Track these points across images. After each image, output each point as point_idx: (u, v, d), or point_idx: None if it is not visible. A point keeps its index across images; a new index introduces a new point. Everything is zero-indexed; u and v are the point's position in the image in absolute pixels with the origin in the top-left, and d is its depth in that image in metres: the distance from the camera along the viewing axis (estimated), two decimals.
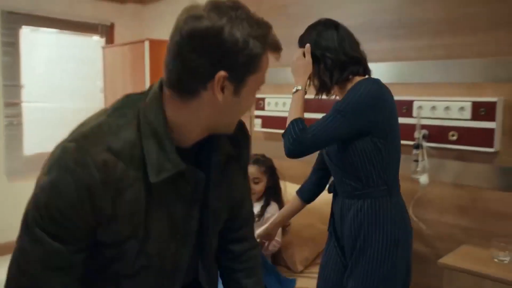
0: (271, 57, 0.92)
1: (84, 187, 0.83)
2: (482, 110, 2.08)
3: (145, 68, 3.42)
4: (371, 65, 1.82)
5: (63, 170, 0.83)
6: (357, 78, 1.66)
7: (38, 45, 4.07)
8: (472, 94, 2.17)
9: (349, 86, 1.65)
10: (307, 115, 1.70)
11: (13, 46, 3.88)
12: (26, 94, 4.00)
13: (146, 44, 3.41)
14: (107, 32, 4.51)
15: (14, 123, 3.95)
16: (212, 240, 1.09)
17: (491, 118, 2.06)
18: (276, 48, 0.91)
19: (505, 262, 1.92)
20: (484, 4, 2.13)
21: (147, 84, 3.42)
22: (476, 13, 2.16)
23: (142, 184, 0.88)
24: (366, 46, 2.60)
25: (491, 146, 2.09)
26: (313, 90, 1.75)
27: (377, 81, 1.62)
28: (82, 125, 0.92)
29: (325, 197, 2.16)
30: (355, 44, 1.72)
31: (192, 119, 0.91)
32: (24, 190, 4.00)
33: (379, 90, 1.57)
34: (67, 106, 4.27)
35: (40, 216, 0.84)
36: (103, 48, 4.06)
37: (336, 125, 1.55)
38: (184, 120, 0.90)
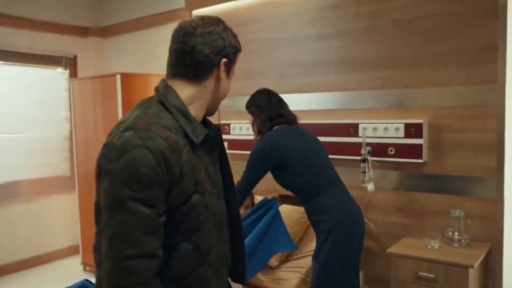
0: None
1: (158, 152, 1.07)
2: (412, 130, 2.64)
3: (118, 99, 3.73)
4: (321, 95, 2.38)
5: (135, 148, 1.07)
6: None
7: (4, 78, 4.25)
8: (404, 117, 2.73)
9: None
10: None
11: None
12: None
13: (118, 77, 3.72)
14: (71, 64, 4.76)
15: None
16: (235, 199, 1.41)
17: (419, 136, 2.62)
18: (241, 49, 1.32)
19: (435, 247, 2.45)
20: (410, 47, 2.70)
21: (120, 113, 3.74)
22: (404, 54, 2.73)
23: (189, 147, 1.16)
24: (316, 79, 3.15)
25: (420, 157, 2.64)
26: None
27: (268, 139, 2.25)
28: (120, 123, 1.17)
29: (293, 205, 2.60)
30: (281, 103, 2.42)
31: (202, 97, 1.25)
32: None
33: (264, 146, 2.23)
34: (34, 135, 4.46)
35: (131, 189, 1.05)
36: (72, 80, 4.30)
37: (247, 178, 2.26)
38: (197, 99, 1.24)
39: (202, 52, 1.21)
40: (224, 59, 1.24)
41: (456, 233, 2.48)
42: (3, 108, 4.21)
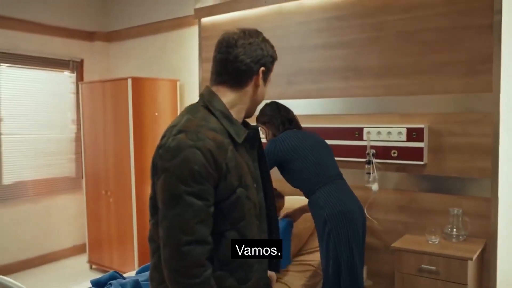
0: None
1: (207, 151, 1.23)
2: (414, 134, 2.84)
3: (129, 102, 3.87)
4: (327, 100, 2.94)
5: (188, 148, 1.23)
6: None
7: (13, 81, 4.36)
8: (406, 122, 2.93)
9: None
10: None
11: None
12: (4, 126, 4.26)
13: (129, 81, 3.86)
14: (77, 67, 4.88)
15: None
16: (272, 192, 1.57)
17: (421, 139, 2.83)
18: (276, 58, 1.46)
19: (436, 243, 2.65)
20: (412, 57, 2.91)
21: (131, 116, 3.88)
22: (406, 63, 2.94)
23: (232, 146, 1.31)
24: (323, 85, 3.35)
25: (421, 160, 2.84)
26: None
27: (276, 140, 2.51)
28: (172, 127, 1.33)
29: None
30: (288, 110, 2.70)
31: (242, 102, 1.40)
32: (3, 216, 4.33)
33: (272, 146, 2.48)
34: (41, 137, 4.57)
35: (186, 184, 1.21)
36: (81, 83, 4.42)
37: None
38: (237, 103, 1.39)
39: (243, 61, 1.37)
40: (262, 68, 1.40)
41: (454, 230, 2.69)
42: (11, 110, 4.32)
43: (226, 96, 1.39)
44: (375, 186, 2.90)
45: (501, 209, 2.67)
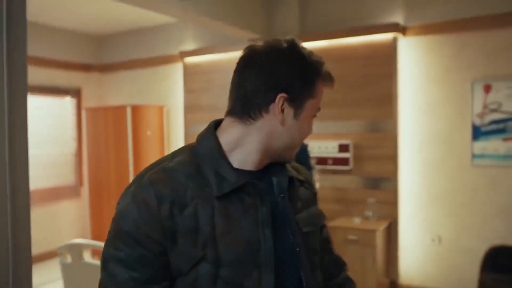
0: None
1: (144, 204, 0.89)
2: (343, 147, 4.07)
3: (128, 127, 4.91)
4: None
5: (128, 198, 0.92)
6: None
7: (28, 106, 5.28)
8: (337, 139, 4.16)
9: None
10: None
11: None
12: None
13: (128, 108, 4.91)
14: (77, 94, 5.86)
15: None
16: (309, 271, 1.03)
17: (348, 151, 4.06)
18: (328, 79, 1.06)
19: (358, 222, 3.86)
20: (341, 94, 4.15)
21: (130, 137, 4.92)
22: (338, 98, 4.17)
23: (203, 200, 0.92)
24: None
25: (348, 165, 4.07)
26: None
27: None
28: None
29: None
30: None
31: (255, 141, 0.98)
32: None
33: None
34: (48, 151, 5.51)
35: (113, 247, 0.90)
36: (85, 110, 5.42)
37: None
38: (246, 142, 0.98)
39: (252, 83, 0.98)
40: (283, 94, 0.98)
41: (370, 213, 3.92)
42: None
43: (232, 132, 1.00)
44: (316, 185, 4.10)
45: (400, 199, 3.94)
